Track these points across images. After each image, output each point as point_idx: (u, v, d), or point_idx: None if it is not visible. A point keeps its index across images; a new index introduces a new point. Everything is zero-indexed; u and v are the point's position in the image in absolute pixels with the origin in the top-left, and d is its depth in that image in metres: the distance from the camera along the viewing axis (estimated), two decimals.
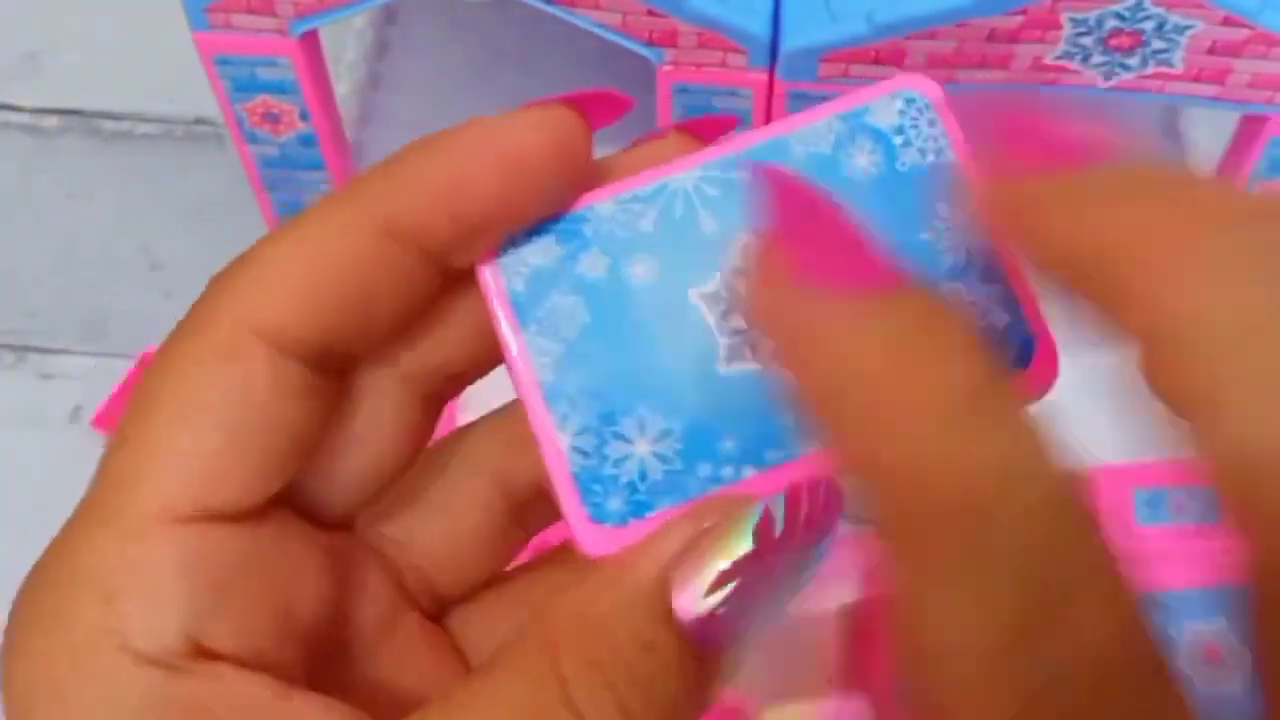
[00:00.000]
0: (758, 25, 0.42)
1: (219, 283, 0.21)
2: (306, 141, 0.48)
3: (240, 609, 0.19)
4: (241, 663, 0.18)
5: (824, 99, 0.20)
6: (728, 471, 0.19)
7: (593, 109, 0.21)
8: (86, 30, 0.65)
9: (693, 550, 0.18)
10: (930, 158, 0.21)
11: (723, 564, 0.18)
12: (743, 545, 0.18)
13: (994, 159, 0.19)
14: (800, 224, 0.17)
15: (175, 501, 0.18)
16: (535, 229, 0.20)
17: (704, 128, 0.22)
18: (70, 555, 0.19)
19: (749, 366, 0.19)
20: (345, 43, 0.61)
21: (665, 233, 0.20)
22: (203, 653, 0.18)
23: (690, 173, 0.20)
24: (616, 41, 0.43)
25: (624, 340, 0.19)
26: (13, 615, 0.19)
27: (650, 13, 0.41)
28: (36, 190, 0.60)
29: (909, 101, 0.21)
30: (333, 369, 0.20)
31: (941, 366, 0.16)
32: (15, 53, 0.65)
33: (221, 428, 0.19)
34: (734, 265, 0.20)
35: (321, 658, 0.20)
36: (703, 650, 0.18)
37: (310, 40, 0.45)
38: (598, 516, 0.19)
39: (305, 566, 0.20)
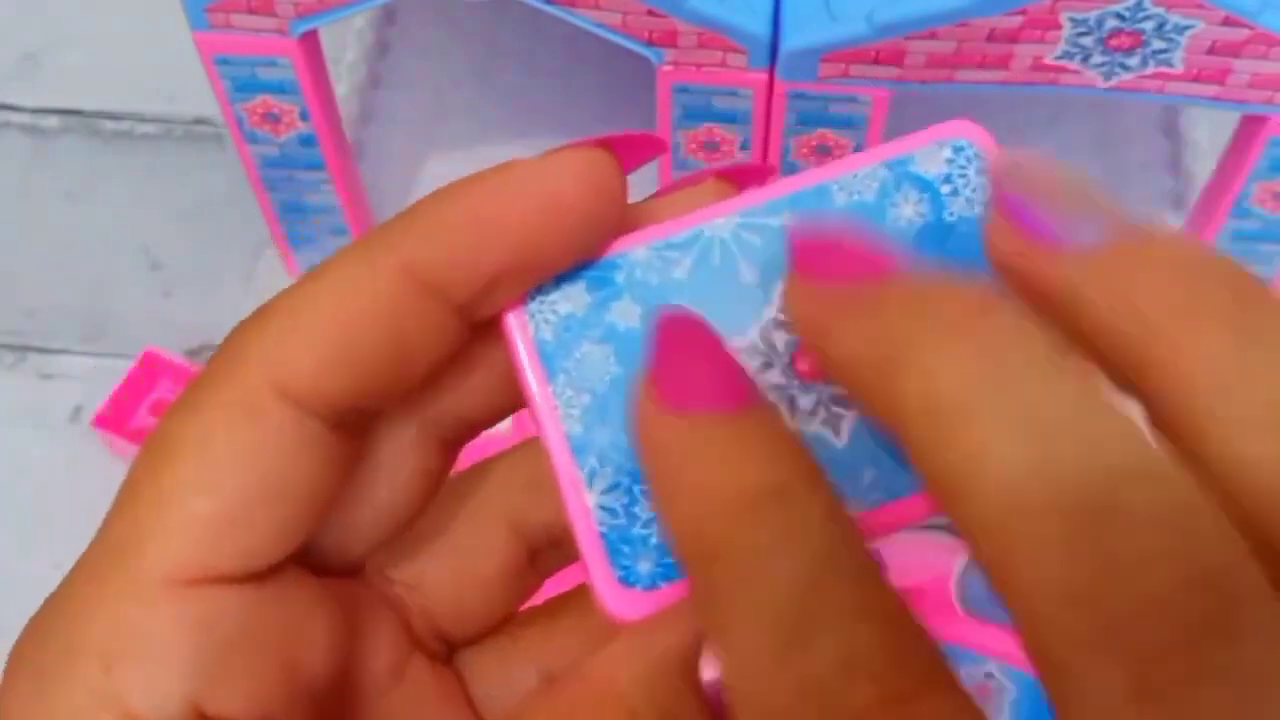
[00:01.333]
0: (758, 25, 0.42)
1: (241, 334, 0.19)
2: (306, 141, 0.48)
3: (246, 671, 0.18)
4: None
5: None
6: None
7: (627, 151, 0.20)
8: (86, 30, 0.65)
9: None
10: (979, 208, 0.20)
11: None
12: None
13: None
14: (674, 350, 0.17)
15: (182, 565, 0.18)
16: (565, 275, 0.20)
17: (741, 175, 0.21)
18: (70, 615, 0.18)
19: (789, 424, 0.18)
20: (345, 43, 0.61)
21: (701, 281, 0.19)
22: (207, 719, 0.17)
23: (729, 219, 0.20)
24: (616, 41, 0.43)
25: None
26: (7, 673, 0.18)
27: (650, 13, 0.41)
28: (36, 190, 0.60)
29: (957, 150, 0.21)
30: (355, 425, 0.19)
31: (751, 470, 0.16)
32: (15, 53, 0.65)
33: (237, 490, 0.18)
34: (773, 315, 0.19)
35: (330, 711, 0.19)
36: None
37: (310, 40, 0.45)
38: (627, 580, 0.18)
39: (314, 621, 0.19)
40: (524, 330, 0.19)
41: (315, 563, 0.20)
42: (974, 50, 0.41)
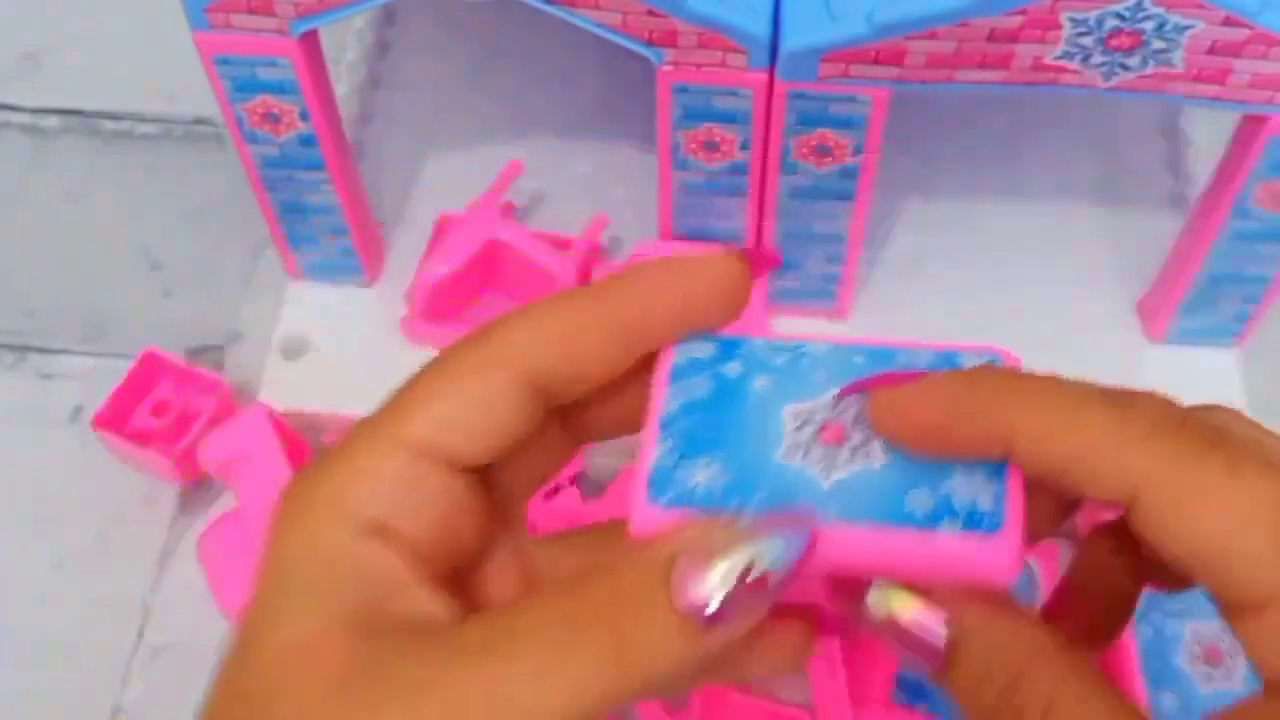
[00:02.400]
0: (758, 25, 0.42)
1: (491, 325, 0.28)
2: (306, 141, 0.48)
3: (426, 518, 0.27)
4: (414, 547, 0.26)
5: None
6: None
7: (756, 263, 0.28)
8: (86, 30, 0.65)
9: (702, 549, 0.25)
10: None
11: (723, 568, 0.25)
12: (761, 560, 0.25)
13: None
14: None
15: (422, 442, 0.26)
16: (708, 335, 0.30)
17: (755, 260, 0.30)
18: (332, 460, 0.27)
19: (795, 464, 0.28)
20: (345, 43, 0.61)
21: (788, 370, 0.29)
22: (389, 530, 0.26)
23: (823, 344, 0.30)
24: (616, 41, 0.43)
25: (725, 415, 0.29)
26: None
27: (650, 13, 0.41)
28: (36, 190, 0.60)
29: (992, 358, 0.28)
30: (546, 402, 0.28)
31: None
32: (15, 53, 0.65)
33: (471, 413, 0.27)
34: (828, 400, 0.29)
35: (451, 569, 0.28)
36: (704, 624, 0.24)
37: (310, 40, 0.45)
38: (652, 500, 0.27)
39: (472, 515, 0.28)
40: (669, 358, 0.29)
41: (487, 480, 0.28)
42: (974, 50, 0.41)
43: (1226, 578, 0.23)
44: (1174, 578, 0.26)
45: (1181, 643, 0.44)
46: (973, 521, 0.26)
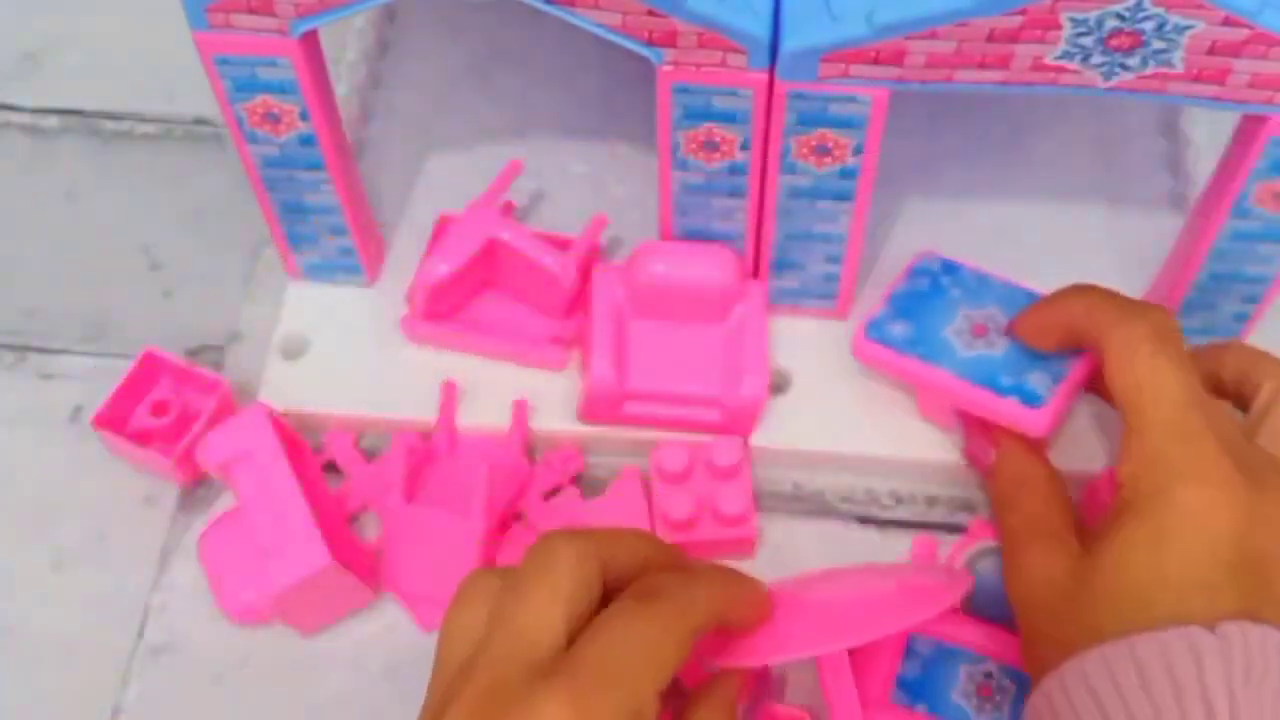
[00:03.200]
0: (758, 25, 0.42)
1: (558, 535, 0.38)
2: (306, 141, 0.48)
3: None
4: None
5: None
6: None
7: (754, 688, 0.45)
8: (86, 30, 0.66)
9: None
10: None
11: None
12: None
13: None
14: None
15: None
16: (939, 256, 0.51)
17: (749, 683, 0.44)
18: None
19: (952, 339, 0.49)
20: (345, 43, 0.61)
21: (974, 289, 0.50)
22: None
23: (999, 281, 0.50)
24: (616, 41, 0.43)
25: (927, 303, 0.50)
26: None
27: (650, 13, 0.41)
28: (36, 190, 0.60)
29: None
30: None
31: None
32: (15, 53, 0.65)
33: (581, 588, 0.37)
34: (985, 311, 0.49)
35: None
36: None
37: (310, 40, 0.45)
38: (866, 335, 0.49)
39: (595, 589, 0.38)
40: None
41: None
42: (974, 50, 0.41)
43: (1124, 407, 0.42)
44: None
45: (957, 682, 0.45)
46: (1028, 398, 0.46)
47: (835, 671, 0.42)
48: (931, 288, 0.49)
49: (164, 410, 0.52)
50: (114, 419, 0.51)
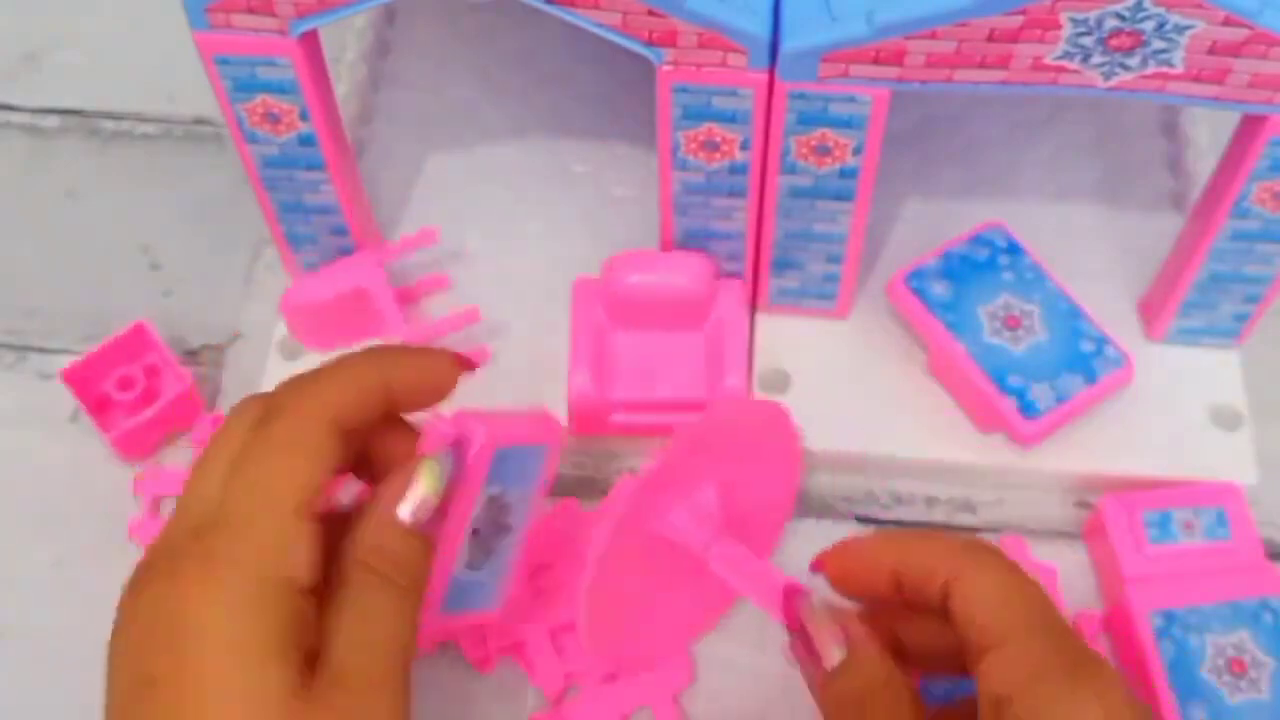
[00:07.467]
0: (758, 25, 0.42)
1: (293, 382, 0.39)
2: (306, 141, 0.48)
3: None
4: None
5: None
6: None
7: (463, 363, 0.42)
8: (86, 30, 0.66)
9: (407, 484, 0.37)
10: None
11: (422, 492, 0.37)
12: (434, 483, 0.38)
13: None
14: None
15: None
16: (1004, 234, 0.52)
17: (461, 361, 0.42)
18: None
19: (982, 320, 0.49)
20: (345, 43, 0.61)
21: (1022, 276, 0.51)
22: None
23: (1051, 283, 0.50)
24: (616, 41, 0.43)
25: (976, 275, 0.50)
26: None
27: (650, 13, 0.41)
28: (36, 190, 0.60)
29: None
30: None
31: None
32: (15, 53, 0.65)
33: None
34: (1019, 302, 0.50)
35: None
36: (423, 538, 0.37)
37: (310, 40, 0.45)
38: (905, 281, 0.50)
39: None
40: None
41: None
42: (974, 50, 0.41)
43: (969, 630, 0.36)
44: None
45: (1205, 657, 0.45)
46: (1026, 406, 0.47)
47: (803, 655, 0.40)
48: (987, 261, 0.50)
49: (129, 386, 0.52)
50: (82, 378, 0.51)
